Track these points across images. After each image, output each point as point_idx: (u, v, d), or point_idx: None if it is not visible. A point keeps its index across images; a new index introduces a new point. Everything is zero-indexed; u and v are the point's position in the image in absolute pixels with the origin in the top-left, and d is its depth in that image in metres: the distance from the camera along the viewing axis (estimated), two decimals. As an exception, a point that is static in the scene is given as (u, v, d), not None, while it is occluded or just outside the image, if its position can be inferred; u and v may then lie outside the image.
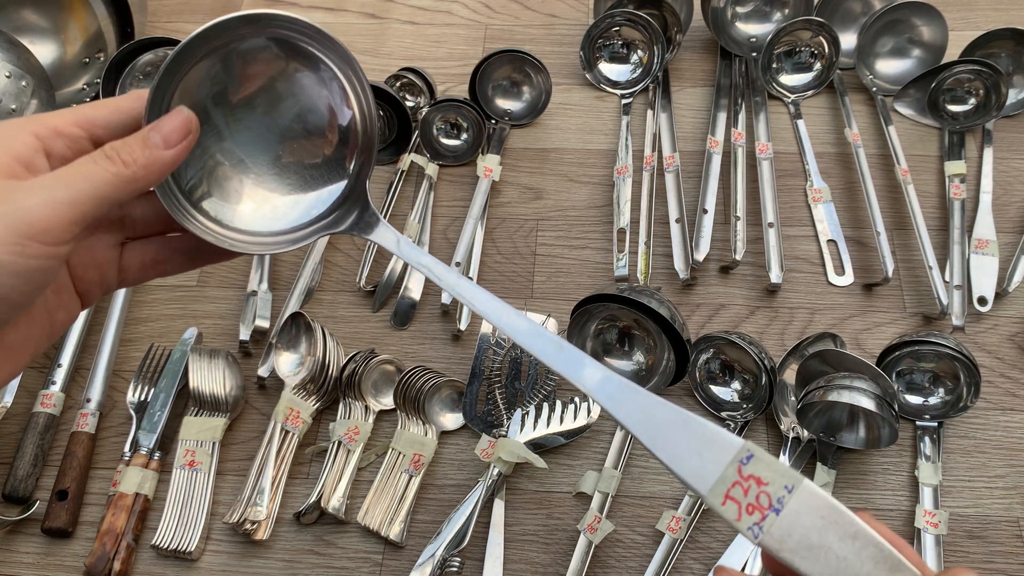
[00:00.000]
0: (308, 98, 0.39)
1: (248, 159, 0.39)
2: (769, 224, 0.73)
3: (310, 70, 0.39)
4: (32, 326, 0.33)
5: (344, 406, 0.65)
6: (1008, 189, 0.77)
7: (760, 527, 0.30)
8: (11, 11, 0.80)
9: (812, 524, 0.30)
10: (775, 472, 0.31)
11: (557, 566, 0.60)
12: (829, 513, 0.30)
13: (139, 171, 0.31)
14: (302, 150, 0.40)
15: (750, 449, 0.31)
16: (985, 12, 0.91)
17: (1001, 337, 0.69)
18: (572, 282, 0.73)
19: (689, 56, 0.89)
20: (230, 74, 0.37)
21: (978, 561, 0.59)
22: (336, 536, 0.62)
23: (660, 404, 0.33)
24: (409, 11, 0.95)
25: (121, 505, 0.61)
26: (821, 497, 0.30)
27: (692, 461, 0.32)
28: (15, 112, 0.73)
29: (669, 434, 0.33)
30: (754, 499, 0.31)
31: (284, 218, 0.40)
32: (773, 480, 0.31)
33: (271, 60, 0.38)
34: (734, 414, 0.65)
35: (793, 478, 0.31)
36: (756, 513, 0.31)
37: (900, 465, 0.63)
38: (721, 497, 0.31)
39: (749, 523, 0.31)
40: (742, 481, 0.31)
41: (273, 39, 0.37)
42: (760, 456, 0.31)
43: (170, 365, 0.68)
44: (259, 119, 0.39)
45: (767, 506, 0.30)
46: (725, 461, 0.31)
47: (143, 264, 0.37)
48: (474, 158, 0.80)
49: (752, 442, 0.32)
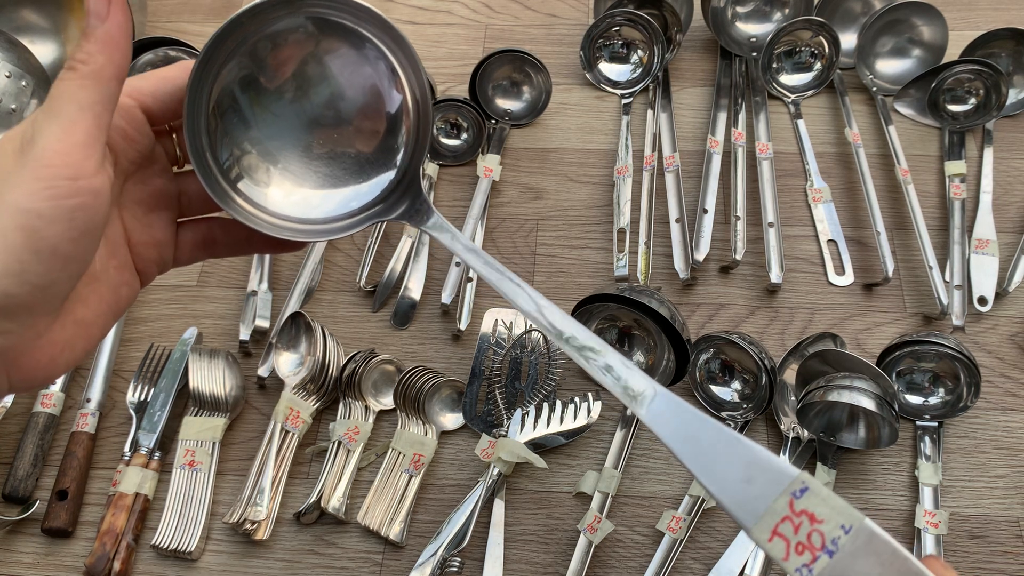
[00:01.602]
0: (359, 83, 0.37)
1: (295, 146, 0.37)
2: (769, 224, 0.73)
3: (361, 52, 0.36)
4: (101, 303, 0.34)
5: (344, 406, 0.65)
6: (1008, 189, 0.77)
7: (810, 570, 0.28)
8: (11, 11, 0.80)
9: (869, 571, 0.27)
10: (831, 509, 0.28)
11: (557, 566, 0.60)
12: (891, 559, 0.27)
13: (99, 59, 0.30)
14: (354, 136, 0.38)
15: (805, 481, 0.28)
16: (985, 12, 0.91)
17: (1001, 337, 0.69)
18: (572, 282, 0.73)
19: (689, 56, 0.89)
20: (275, 58, 0.35)
21: (978, 561, 0.59)
22: (336, 536, 0.62)
23: (706, 422, 0.31)
24: (409, 11, 0.95)
25: (121, 505, 0.61)
26: (882, 541, 0.27)
27: (738, 489, 0.29)
28: (15, 112, 0.73)
29: (714, 456, 0.30)
30: (805, 537, 0.28)
31: (331, 206, 0.38)
32: (828, 518, 0.28)
33: (319, 41, 0.36)
34: (734, 414, 0.65)
35: (852, 517, 0.28)
36: (807, 553, 0.28)
37: (900, 465, 0.63)
38: (768, 532, 0.28)
39: (798, 564, 0.28)
40: (793, 517, 0.28)
41: (316, 19, 0.35)
42: (816, 490, 0.28)
43: (170, 365, 0.68)
44: (309, 104, 0.37)
45: (819, 546, 0.28)
46: (775, 493, 0.28)
47: (195, 244, 0.37)
48: (474, 158, 0.80)
49: (808, 473, 0.29)
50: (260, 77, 0.35)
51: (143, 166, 0.35)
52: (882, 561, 0.27)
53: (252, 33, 0.34)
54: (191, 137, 0.34)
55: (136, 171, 0.35)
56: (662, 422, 0.31)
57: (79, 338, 0.33)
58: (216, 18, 0.95)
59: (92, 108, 0.29)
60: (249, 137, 0.36)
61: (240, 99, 0.35)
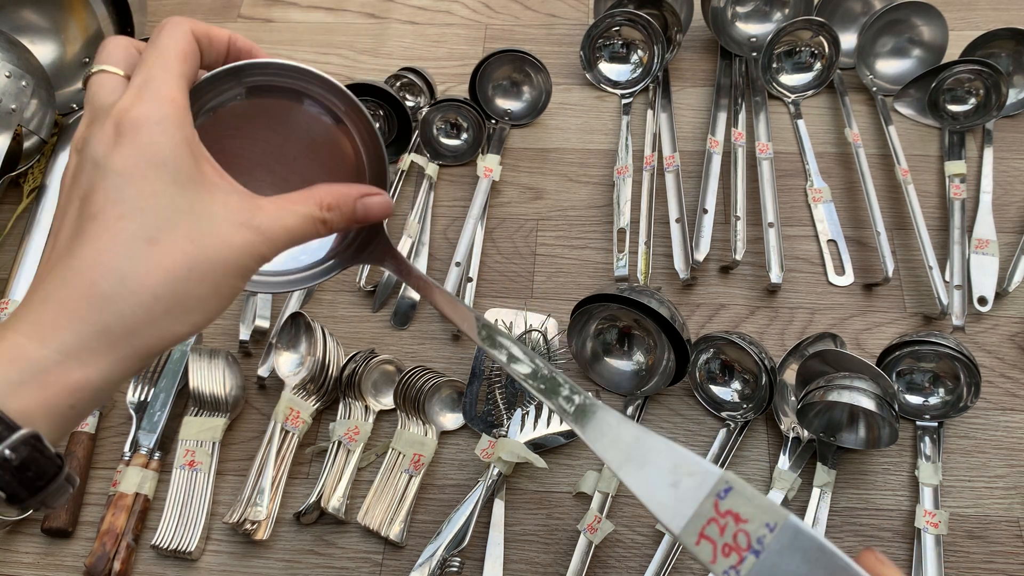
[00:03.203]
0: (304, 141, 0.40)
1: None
2: (769, 224, 0.73)
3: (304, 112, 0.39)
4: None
5: (344, 406, 0.65)
6: (1008, 189, 0.77)
7: (737, 571, 0.27)
8: (11, 11, 0.80)
9: (797, 569, 0.26)
10: (755, 508, 0.28)
11: (557, 566, 0.60)
12: (817, 555, 0.26)
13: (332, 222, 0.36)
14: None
15: (729, 481, 0.28)
16: (985, 12, 0.91)
17: (1001, 337, 0.69)
18: (572, 282, 0.73)
19: (689, 56, 0.89)
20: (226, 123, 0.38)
21: (978, 561, 0.59)
22: (336, 536, 0.62)
23: (630, 425, 0.31)
24: (409, 11, 0.95)
25: (121, 505, 0.61)
26: (807, 537, 0.27)
27: (665, 494, 0.29)
28: (15, 112, 0.73)
29: (641, 460, 0.30)
30: (731, 538, 0.27)
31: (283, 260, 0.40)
32: (753, 517, 0.27)
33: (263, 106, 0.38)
34: (734, 414, 0.65)
35: (775, 514, 0.27)
36: (733, 555, 0.27)
37: (900, 465, 0.63)
38: (695, 536, 0.28)
39: (725, 566, 0.27)
40: (719, 518, 0.28)
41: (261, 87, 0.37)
42: (740, 489, 0.28)
43: (170, 365, 0.68)
44: (257, 163, 0.39)
45: (746, 547, 0.27)
46: (701, 495, 0.28)
47: None
48: (474, 158, 0.80)
49: (732, 472, 0.29)
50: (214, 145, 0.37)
51: None
52: (808, 558, 0.26)
53: (206, 103, 0.37)
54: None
55: None
56: (595, 434, 0.31)
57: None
58: (216, 18, 0.95)
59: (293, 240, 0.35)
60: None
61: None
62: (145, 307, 0.30)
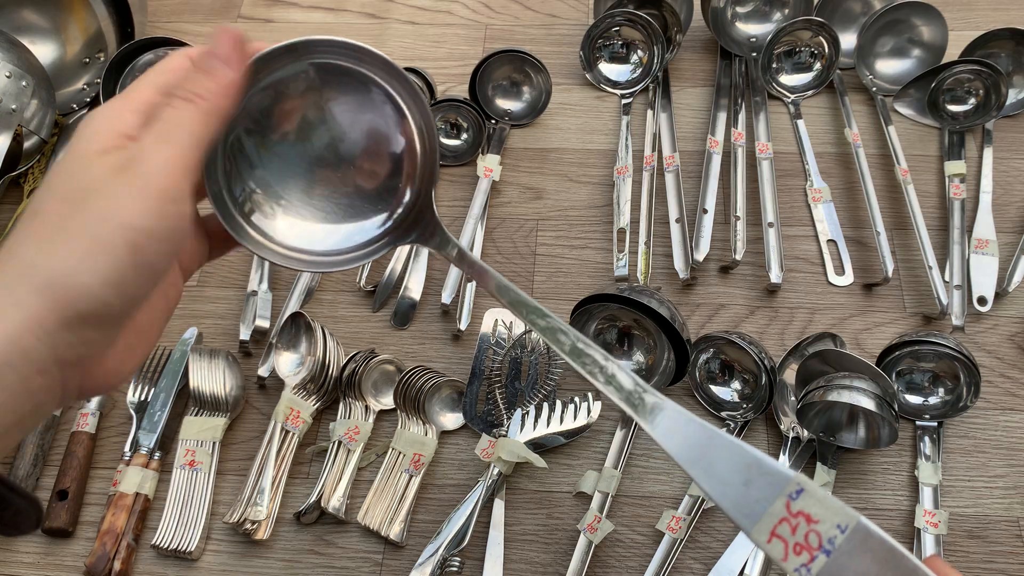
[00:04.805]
0: (363, 126, 0.39)
1: (301, 186, 0.39)
2: (769, 224, 0.73)
3: (366, 96, 0.38)
4: (156, 307, 0.35)
5: (344, 406, 0.65)
6: (1008, 189, 0.78)
7: (808, 569, 0.28)
8: (11, 11, 0.80)
9: (867, 569, 0.28)
10: (827, 509, 0.29)
11: (557, 566, 0.60)
12: (887, 556, 0.27)
13: (217, 99, 0.32)
14: (359, 176, 0.40)
15: (801, 483, 0.29)
16: (985, 12, 0.91)
17: (1001, 337, 0.69)
18: (572, 282, 0.73)
19: (689, 56, 0.89)
20: (281, 105, 0.37)
21: (978, 561, 0.59)
22: (336, 536, 0.62)
23: (706, 428, 0.32)
24: (409, 11, 0.95)
25: (121, 505, 0.61)
26: (878, 539, 0.28)
27: (738, 493, 0.30)
28: (15, 112, 0.73)
29: (714, 461, 0.31)
30: (803, 538, 0.28)
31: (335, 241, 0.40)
32: (824, 518, 0.28)
33: (323, 87, 0.38)
34: (734, 414, 0.65)
35: (847, 516, 0.28)
36: (804, 553, 0.28)
37: (900, 465, 0.63)
38: (767, 534, 0.29)
39: (796, 564, 0.28)
40: (790, 518, 0.29)
41: (322, 64, 0.37)
42: (811, 491, 0.29)
43: (170, 365, 0.68)
44: (314, 147, 0.39)
45: (817, 546, 0.28)
46: (773, 496, 0.29)
47: (227, 238, 0.39)
48: (474, 158, 0.80)
49: (805, 476, 0.30)
50: (268, 122, 0.38)
51: None
52: (878, 559, 0.27)
53: (261, 80, 0.36)
54: (209, 177, 0.36)
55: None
56: (666, 432, 0.32)
57: (139, 343, 0.34)
58: (217, 18, 0.95)
59: (202, 142, 0.32)
60: (257, 177, 0.38)
61: (248, 143, 0.38)
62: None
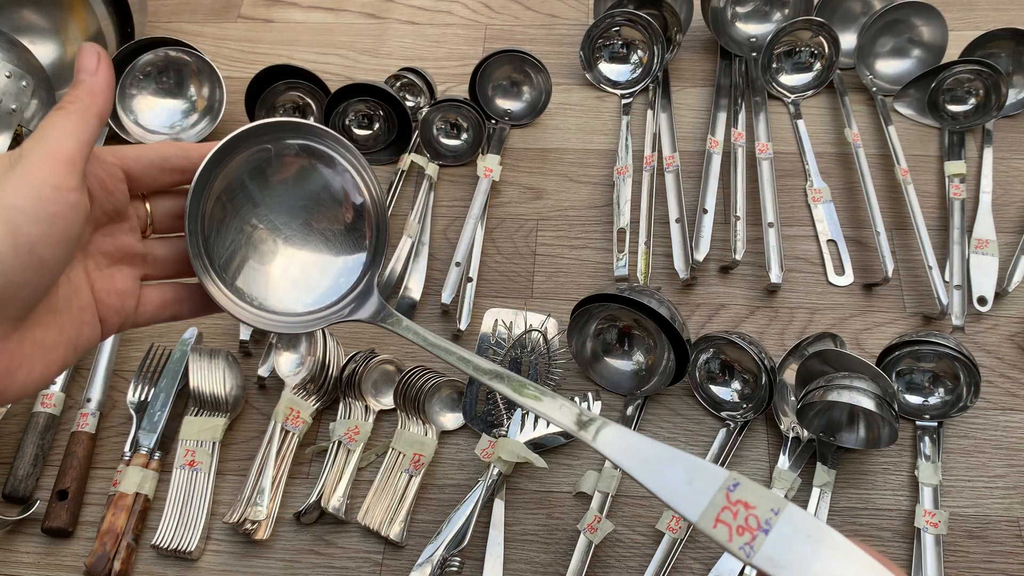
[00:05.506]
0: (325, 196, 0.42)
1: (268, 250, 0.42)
2: (769, 224, 0.73)
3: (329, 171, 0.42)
4: (61, 333, 0.35)
5: (344, 406, 0.65)
6: (1008, 189, 0.78)
7: (751, 547, 0.32)
8: (11, 11, 0.80)
9: (802, 545, 0.31)
10: (761, 497, 0.32)
11: (557, 566, 0.60)
12: (817, 532, 0.31)
13: (86, 100, 0.35)
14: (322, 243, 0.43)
15: (736, 478, 0.33)
16: (985, 12, 0.91)
17: (1001, 337, 0.69)
18: (572, 282, 0.73)
19: (689, 56, 0.89)
20: (253, 178, 0.40)
21: (978, 561, 0.59)
22: (336, 536, 0.62)
23: (646, 441, 0.36)
24: (409, 11, 0.95)
25: (121, 505, 0.61)
26: (808, 518, 0.32)
27: (682, 490, 0.34)
28: (15, 112, 0.73)
29: (658, 468, 0.35)
30: (743, 521, 0.32)
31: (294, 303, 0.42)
32: (760, 504, 0.32)
33: (291, 162, 0.41)
34: (734, 414, 0.65)
35: (778, 502, 0.32)
36: (747, 534, 0.32)
37: (900, 465, 0.63)
38: (712, 521, 0.33)
39: (740, 543, 0.32)
40: (730, 505, 0.33)
41: (289, 145, 0.41)
42: (746, 484, 0.33)
43: (170, 365, 0.68)
44: (282, 215, 0.42)
45: (756, 527, 0.32)
46: (713, 489, 0.33)
47: (162, 303, 0.40)
48: (474, 158, 0.80)
49: (738, 473, 0.34)
50: (240, 192, 0.40)
51: (114, 221, 0.38)
52: (810, 534, 0.31)
53: (234, 157, 0.39)
54: (191, 237, 0.38)
55: (107, 223, 0.37)
56: (610, 446, 0.37)
57: (37, 360, 0.34)
58: (216, 18, 0.95)
59: (76, 137, 0.33)
60: (229, 241, 0.41)
61: (223, 210, 0.40)
62: None
